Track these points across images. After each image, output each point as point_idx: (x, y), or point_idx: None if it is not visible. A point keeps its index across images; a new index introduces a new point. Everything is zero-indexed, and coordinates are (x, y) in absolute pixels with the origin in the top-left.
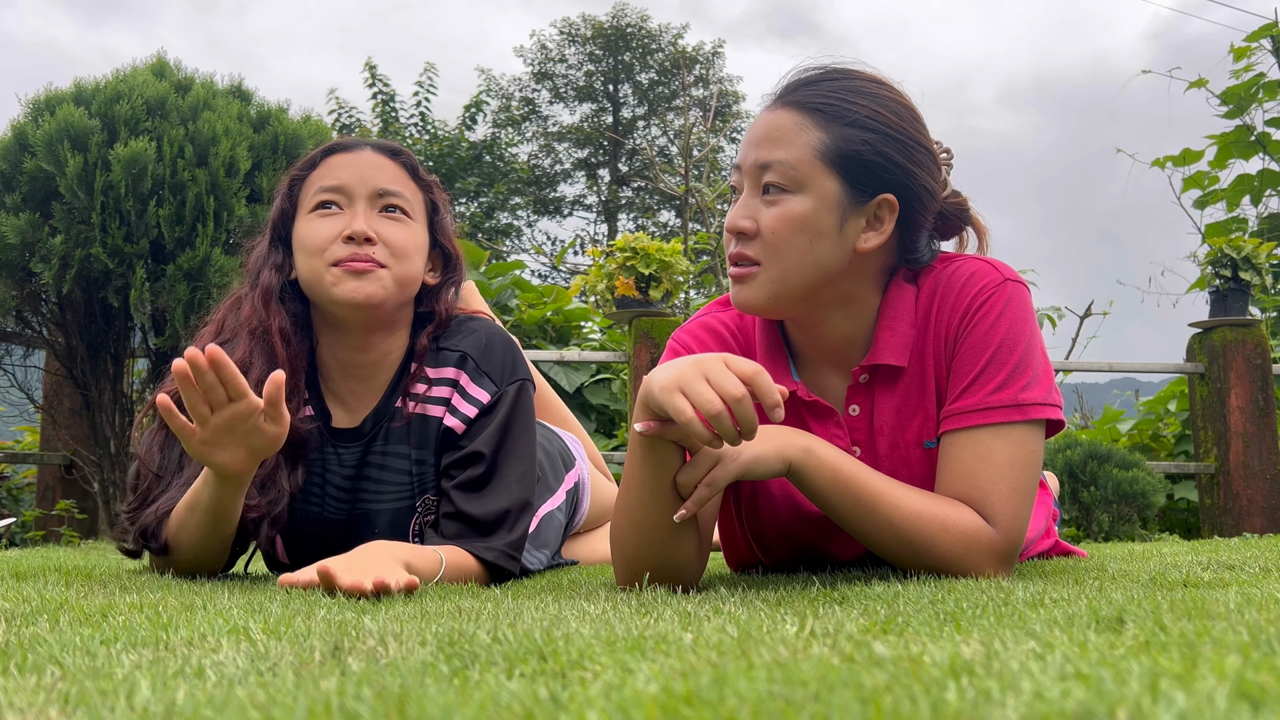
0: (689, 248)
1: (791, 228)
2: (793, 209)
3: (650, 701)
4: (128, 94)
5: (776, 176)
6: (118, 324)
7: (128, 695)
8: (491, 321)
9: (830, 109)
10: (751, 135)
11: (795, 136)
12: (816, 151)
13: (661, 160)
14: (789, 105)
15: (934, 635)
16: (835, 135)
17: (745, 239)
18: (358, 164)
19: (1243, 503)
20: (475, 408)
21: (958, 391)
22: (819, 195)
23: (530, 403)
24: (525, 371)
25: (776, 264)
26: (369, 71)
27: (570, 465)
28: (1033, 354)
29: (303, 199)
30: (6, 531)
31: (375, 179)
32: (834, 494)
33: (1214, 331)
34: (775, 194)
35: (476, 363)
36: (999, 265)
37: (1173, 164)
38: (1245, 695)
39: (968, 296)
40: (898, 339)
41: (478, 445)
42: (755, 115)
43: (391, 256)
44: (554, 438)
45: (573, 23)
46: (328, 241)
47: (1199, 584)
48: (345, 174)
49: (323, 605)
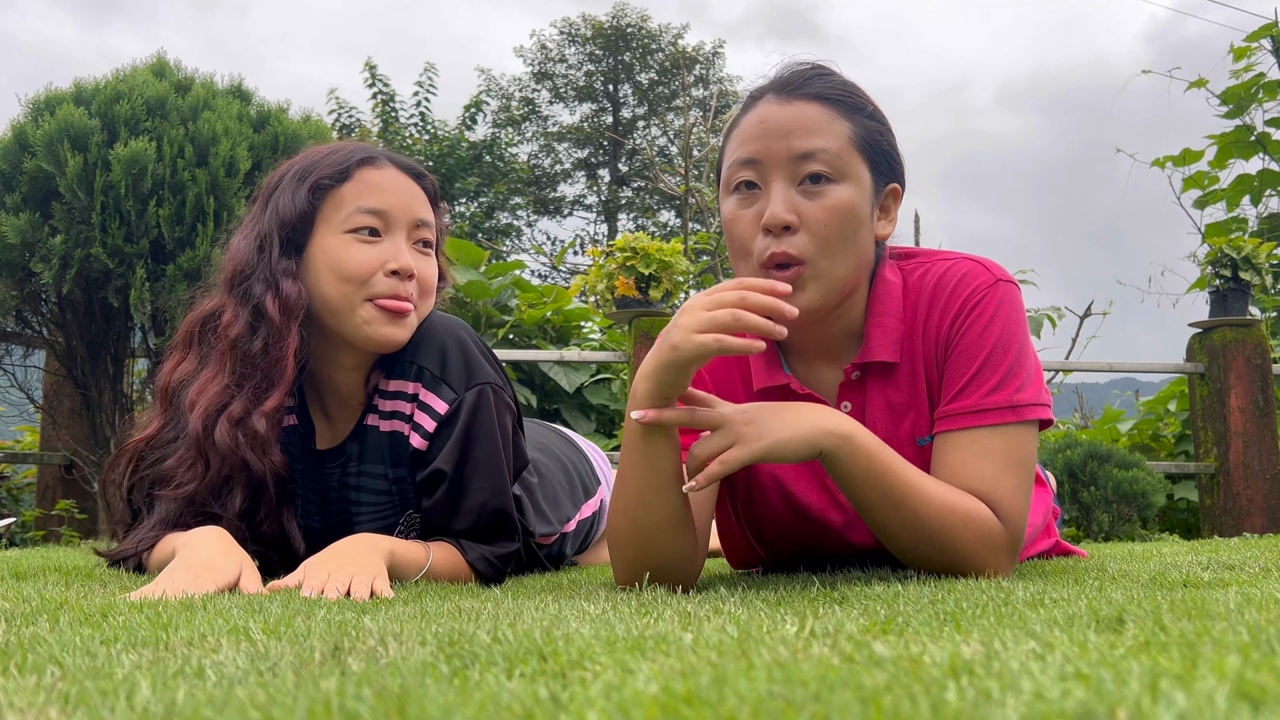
0: (689, 248)
1: (843, 217)
2: (841, 198)
3: (650, 701)
4: (128, 94)
5: (822, 165)
6: (118, 324)
7: (128, 695)
8: (449, 320)
9: (847, 100)
10: (771, 127)
11: (830, 125)
12: (850, 140)
13: (661, 160)
14: (806, 97)
15: (934, 635)
16: (858, 125)
17: (786, 235)
18: (398, 189)
19: (1243, 503)
20: (435, 420)
21: (953, 392)
22: (859, 184)
23: (491, 406)
24: (485, 374)
25: (823, 258)
26: (369, 71)
27: (591, 492)
28: (1025, 355)
29: (330, 212)
30: (6, 531)
31: (415, 209)
32: (866, 484)
33: (1214, 331)
34: (820, 184)
35: (433, 372)
36: (990, 265)
37: (1173, 164)
38: (1245, 695)
39: (960, 297)
40: (889, 335)
41: (439, 463)
42: (748, 110)
43: (420, 295)
44: (581, 459)
45: (573, 23)
46: (369, 272)
47: (1199, 584)
48: (388, 198)
49: (323, 605)
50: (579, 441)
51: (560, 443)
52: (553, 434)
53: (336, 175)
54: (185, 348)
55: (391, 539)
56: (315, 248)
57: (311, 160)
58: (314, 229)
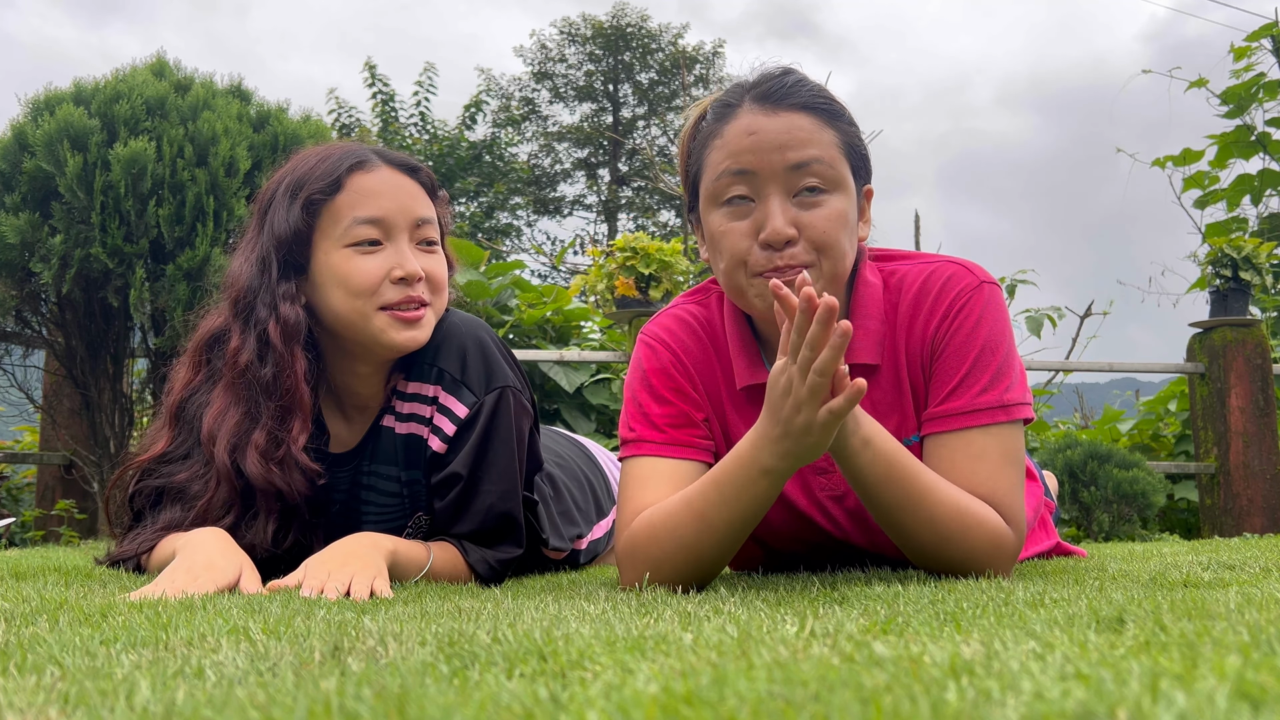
0: (689, 248)
1: (840, 225)
2: (837, 207)
3: (650, 701)
4: (127, 94)
5: (816, 178)
6: (117, 324)
7: (128, 695)
8: (470, 320)
9: (828, 107)
10: (764, 140)
11: (820, 135)
12: (838, 148)
13: (661, 160)
14: (793, 107)
15: (934, 635)
16: (841, 132)
17: (787, 248)
18: (393, 191)
19: (1243, 503)
20: (455, 424)
21: (944, 394)
22: (848, 191)
23: (510, 410)
24: (505, 377)
25: (828, 259)
26: (369, 71)
27: (605, 511)
28: (1011, 355)
29: (327, 226)
30: (6, 531)
31: (414, 208)
32: (883, 488)
33: (1214, 331)
34: (815, 195)
35: (453, 376)
36: (973, 267)
37: (1173, 164)
38: (1245, 695)
39: (947, 299)
40: (871, 337)
41: (455, 466)
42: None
43: (432, 292)
44: (598, 476)
45: (572, 23)
46: (376, 283)
47: (1199, 584)
48: (385, 203)
49: (322, 605)
50: (599, 456)
51: (579, 457)
52: (573, 447)
53: (328, 188)
54: (194, 366)
55: (393, 538)
56: (318, 265)
57: (301, 172)
58: (313, 246)
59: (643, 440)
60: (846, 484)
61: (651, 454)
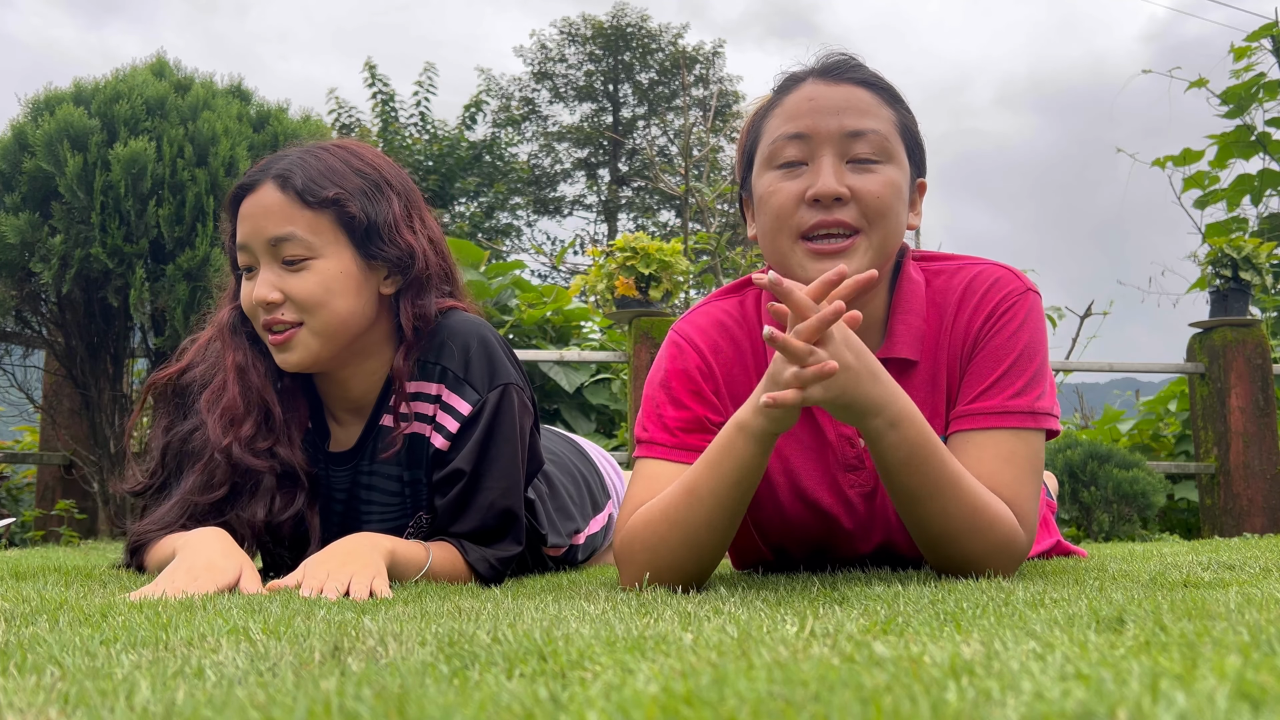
0: (689, 248)
1: (894, 194)
2: (892, 177)
3: (650, 701)
4: (127, 94)
5: (870, 147)
6: (117, 324)
7: (128, 695)
8: (472, 320)
9: (888, 90)
10: (822, 104)
11: (878, 110)
12: (895, 126)
13: (661, 160)
14: (853, 82)
15: (934, 635)
16: (899, 114)
17: (837, 205)
18: (253, 213)
19: (1243, 503)
20: (458, 421)
21: (977, 391)
22: (901, 169)
23: (514, 407)
24: (508, 374)
25: (879, 230)
26: (369, 71)
27: (600, 506)
28: (1046, 366)
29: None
30: (6, 531)
31: (265, 229)
32: (906, 470)
33: (1214, 331)
34: (870, 164)
35: (456, 373)
36: (1019, 273)
37: (1173, 164)
38: (1245, 695)
39: (993, 300)
40: (912, 332)
41: (458, 463)
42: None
43: (302, 312)
44: (591, 471)
45: (572, 22)
46: (251, 312)
47: (1199, 584)
48: (245, 229)
49: (322, 605)
50: (591, 452)
51: (572, 453)
52: (565, 444)
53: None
54: None
55: (392, 538)
56: None
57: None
58: None
59: (654, 442)
60: (876, 479)
61: (659, 456)
